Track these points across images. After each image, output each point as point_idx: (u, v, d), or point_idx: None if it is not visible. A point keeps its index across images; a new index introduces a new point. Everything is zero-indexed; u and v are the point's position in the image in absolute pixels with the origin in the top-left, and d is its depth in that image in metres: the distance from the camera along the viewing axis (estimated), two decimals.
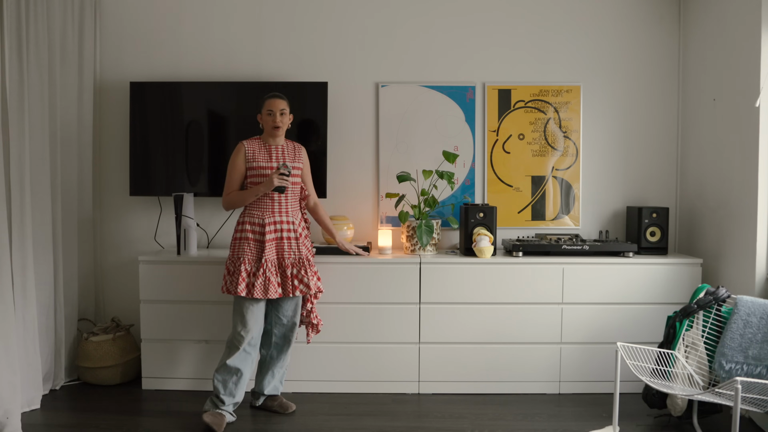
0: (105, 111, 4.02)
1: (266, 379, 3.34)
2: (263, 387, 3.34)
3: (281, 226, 3.18)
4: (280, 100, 3.22)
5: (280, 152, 3.24)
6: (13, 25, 3.27)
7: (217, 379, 3.16)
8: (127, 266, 4.03)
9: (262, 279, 3.10)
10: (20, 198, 3.29)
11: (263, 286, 3.10)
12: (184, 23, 3.98)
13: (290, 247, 3.19)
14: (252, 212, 3.18)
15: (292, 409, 3.32)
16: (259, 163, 3.19)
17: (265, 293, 3.10)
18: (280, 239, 3.17)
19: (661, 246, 3.70)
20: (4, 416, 2.92)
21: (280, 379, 3.38)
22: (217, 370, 3.17)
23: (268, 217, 3.16)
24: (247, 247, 3.14)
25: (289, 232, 3.19)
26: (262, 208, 3.17)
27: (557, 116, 3.96)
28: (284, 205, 3.20)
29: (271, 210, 3.17)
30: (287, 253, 3.18)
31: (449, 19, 3.97)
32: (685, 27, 3.92)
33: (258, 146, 3.23)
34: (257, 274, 3.10)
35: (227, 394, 3.15)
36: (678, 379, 2.95)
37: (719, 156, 3.54)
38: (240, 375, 3.16)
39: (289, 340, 3.31)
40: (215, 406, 3.14)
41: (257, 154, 3.21)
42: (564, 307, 3.56)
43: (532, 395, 3.57)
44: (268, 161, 3.21)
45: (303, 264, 3.20)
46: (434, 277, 3.55)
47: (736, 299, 2.94)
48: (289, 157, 3.26)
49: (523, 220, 4.00)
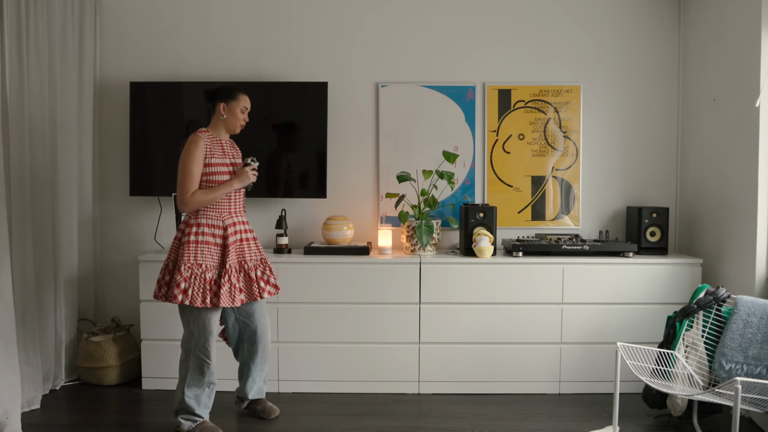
0: (105, 111, 4.02)
1: (248, 384, 3.21)
2: (246, 392, 3.22)
3: (240, 227, 3.03)
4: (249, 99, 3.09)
5: (227, 147, 3.07)
6: (13, 25, 3.27)
7: (187, 396, 2.94)
8: (127, 266, 4.03)
9: (227, 286, 2.90)
10: (20, 198, 3.29)
11: (229, 294, 2.90)
12: (184, 23, 3.99)
13: (250, 249, 3.05)
14: (209, 213, 2.95)
15: (275, 413, 3.23)
16: (216, 160, 2.97)
17: (232, 301, 2.91)
18: (241, 241, 3.02)
19: (661, 246, 3.70)
20: (4, 416, 2.92)
21: (264, 380, 3.26)
22: (187, 386, 2.94)
23: (227, 218, 2.98)
24: (207, 253, 2.91)
25: (247, 233, 3.05)
26: (220, 208, 2.97)
27: (557, 116, 3.96)
28: (238, 205, 3.05)
29: (228, 211, 2.99)
30: (248, 255, 3.03)
31: (449, 19, 3.97)
32: (685, 27, 3.92)
33: (211, 140, 2.99)
34: (221, 281, 2.89)
35: (203, 408, 2.98)
36: (678, 379, 2.95)
37: (719, 156, 3.54)
38: (212, 386, 3.00)
39: (264, 344, 3.16)
40: (194, 421, 2.96)
41: (213, 149, 2.98)
42: (564, 307, 3.56)
43: (532, 395, 3.58)
44: (222, 156, 3.00)
45: (266, 264, 3.09)
46: (434, 277, 3.55)
47: (736, 299, 2.94)
48: (233, 152, 3.10)
49: (523, 220, 4.00)
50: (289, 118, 3.85)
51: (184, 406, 2.96)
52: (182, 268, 2.88)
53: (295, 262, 3.56)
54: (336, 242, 3.73)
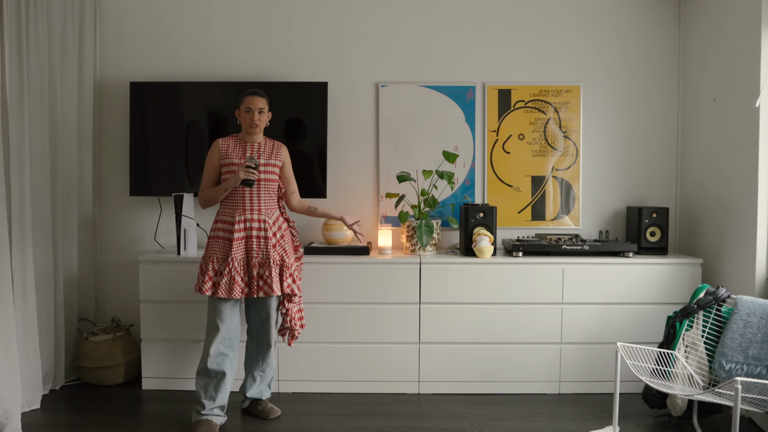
0: (105, 111, 4.02)
1: (248, 381, 3.27)
2: (246, 389, 3.28)
3: (251, 224, 3.08)
4: (260, 98, 3.13)
5: (256, 149, 3.16)
6: (13, 25, 3.26)
7: (198, 383, 3.09)
8: (127, 266, 4.03)
9: (227, 278, 3.02)
10: (20, 198, 3.29)
11: (228, 286, 3.01)
12: (184, 23, 3.99)
13: (258, 247, 3.08)
14: (224, 209, 3.12)
15: (275, 414, 3.24)
16: (231, 160, 3.11)
17: (230, 293, 3.01)
18: (248, 238, 3.08)
19: (661, 246, 3.70)
20: (4, 416, 2.92)
21: (268, 384, 3.29)
22: (197, 373, 3.10)
23: (239, 214, 3.08)
24: (216, 245, 3.08)
25: (258, 231, 3.09)
26: (234, 205, 3.10)
27: (557, 116, 3.96)
28: (256, 202, 3.10)
29: (242, 207, 3.09)
30: (254, 252, 3.08)
31: (449, 19, 3.97)
32: (685, 27, 3.92)
33: (234, 143, 3.17)
34: (223, 272, 3.03)
35: (208, 398, 3.06)
36: (678, 379, 2.95)
37: (719, 156, 3.54)
38: (220, 378, 3.07)
39: (265, 342, 3.21)
40: (199, 413, 3.06)
41: (231, 150, 3.14)
42: (564, 307, 3.56)
43: (532, 395, 3.58)
44: (240, 158, 3.13)
45: (269, 265, 3.07)
46: (434, 277, 3.55)
47: (736, 299, 2.94)
48: (266, 154, 3.16)
49: (523, 220, 4.00)
50: (289, 118, 3.85)
51: (196, 393, 3.11)
52: (201, 261, 3.13)
53: None
54: (336, 242, 3.73)
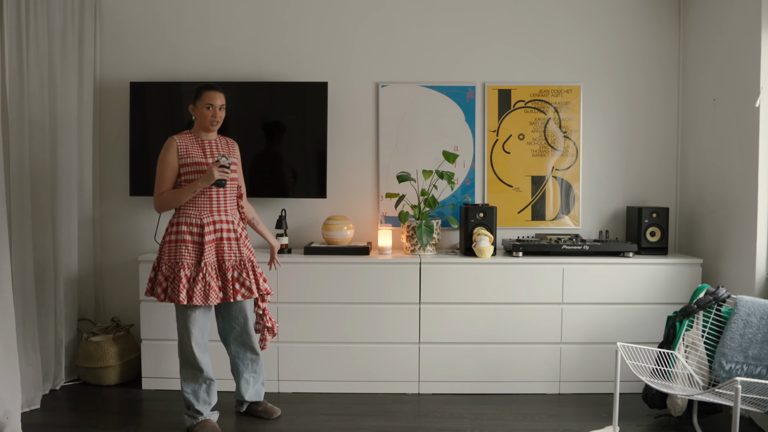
0: (105, 111, 4.01)
1: (242, 386, 3.22)
2: (243, 394, 3.22)
3: (221, 226, 2.99)
4: (221, 94, 3.02)
5: (214, 147, 3.05)
6: (13, 24, 3.27)
7: (186, 391, 3.02)
8: (127, 266, 4.03)
9: (201, 284, 2.91)
10: (20, 198, 3.29)
11: (203, 292, 2.91)
12: (184, 23, 3.98)
13: (230, 249, 2.99)
14: (188, 212, 2.96)
15: (277, 414, 3.23)
16: (193, 159, 2.97)
17: (206, 299, 2.91)
18: (220, 240, 2.98)
19: (661, 246, 3.70)
20: (4, 416, 2.92)
21: (262, 383, 3.27)
22: (183, 381, 3.03)
23: (206, 216, 2.96)
24: (185, 251, 2.93)
25: (229, 233, 3.01)
26: (199, 206, 2.97)
27: (557, 116, 3.96)
28: (222, 203, 3.01)
29: (209, 209, 2.98)
30: (227, 255, 2.98)
31: (449, 19, 3.97)
32: (685, 27, 3.92)
33: (190, 141, 3.02)
34: (197, 279, 2.91)
35: (202, 403, 3.03)
36: (678, 379, 2.95)
37: (719, 156, 3.54)
38: (208, 382, 3.04)
39: (250, 346, 3.15)
40: (195, 418, 3.02)
41: (190, 149, 2.99)
42: (564, 307, 3.56)
43: (532, 395, 3.58)
44: (202, 156, 3.00)
45: (245, 266, 3.01)
46: (434, 277, 3.55)
47: (736, 299, 2.94)
48: (225, 152, 3.07)
49: (523, 220, 4.00)
50: (289, 118, 3.85)
51: (185, 401, 3.05)
52: (163, 267, 2.98)
53: (295, 262, 3.56)
54: (336, 242, 3.73)
